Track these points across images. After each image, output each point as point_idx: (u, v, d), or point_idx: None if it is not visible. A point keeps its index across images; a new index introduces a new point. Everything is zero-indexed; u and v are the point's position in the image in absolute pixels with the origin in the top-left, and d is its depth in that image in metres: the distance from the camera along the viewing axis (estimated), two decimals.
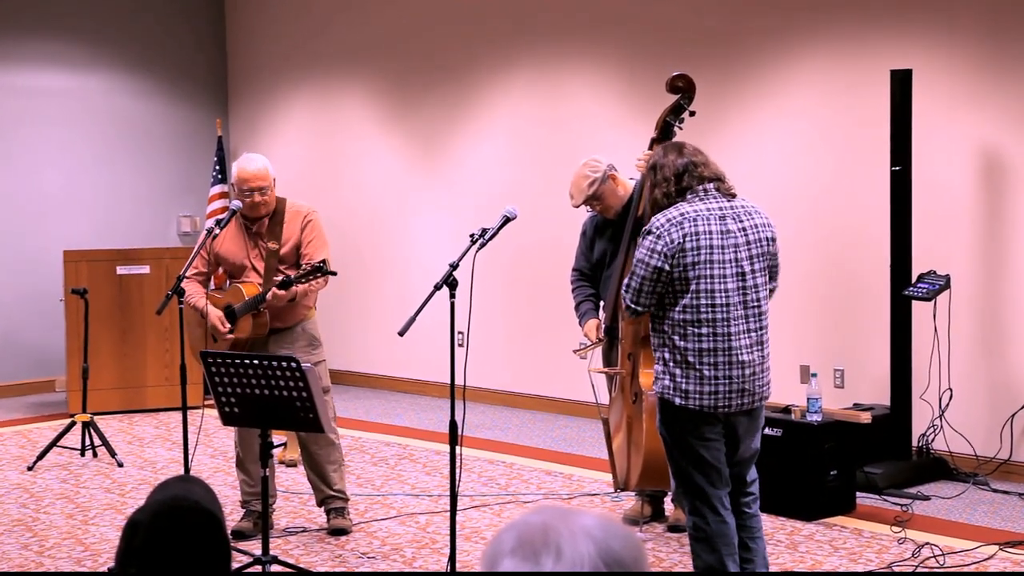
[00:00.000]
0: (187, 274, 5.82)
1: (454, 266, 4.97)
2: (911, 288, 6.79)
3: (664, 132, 5.51)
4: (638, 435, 5.37)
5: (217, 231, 5.84)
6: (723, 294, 4.41)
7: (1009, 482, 6.79)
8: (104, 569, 5.54)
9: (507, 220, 5.15)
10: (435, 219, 9.63)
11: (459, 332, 6.60)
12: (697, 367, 4.41)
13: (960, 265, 7.00)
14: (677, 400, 4.44)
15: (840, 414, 6.57)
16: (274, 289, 5.61)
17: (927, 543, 5.60)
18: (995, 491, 6.65)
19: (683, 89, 5.46)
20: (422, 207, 9.75)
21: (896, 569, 5.38)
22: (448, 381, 4.99)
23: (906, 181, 6.82)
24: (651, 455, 5.28)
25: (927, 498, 6.49)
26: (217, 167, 10.43)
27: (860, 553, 5.60)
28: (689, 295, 4.40)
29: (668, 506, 6.14)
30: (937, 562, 5.42)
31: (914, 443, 6.97)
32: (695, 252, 4.39)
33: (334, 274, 5.65)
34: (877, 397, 7.15)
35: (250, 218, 5.90)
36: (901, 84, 6.84)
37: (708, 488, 4.52)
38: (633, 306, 4.46)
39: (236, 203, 5.93)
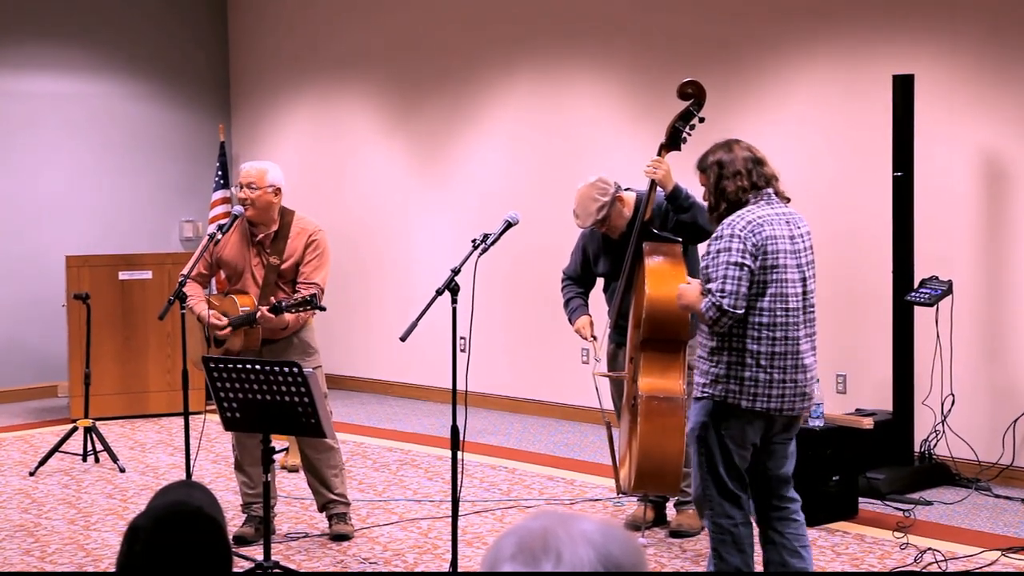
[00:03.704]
0: (192, 276, 5.85)
1: (456, 271, 4.98)
2: (913, 294, 6.79)
3: (672, 138, 5.50)
4: (634, 438, 5.38)
5: (219, 236, 5.86)
6: (794, 298, 4.47)
7: (1011, 488, 6.79)
8: None
9: (509, 225, 5.16)
10: (437, 224, 9.63)
11: (461, 337, 6.60)
12: (768, 370, 4.43)
13: (962, 271, 7.00)
14: (743, 403, 4.44)
15: (842, 419, 6.57)
16: (263, 311, 5.62)
17: (929, 549, 5.60)
18: (997, 497, 6.65)
19: (693, 96, 5.45)
20: (424, 212, 9.75)
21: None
22: (450, 386, 4.99)
23: (908, 186, 6.82)
24: (646, 457, 5.28)
25: (929, 503, 6.49)
26: (219, 172, 10.44)
27: (862, 559, 5.60)
28: (767, 298, 4.43)
29: (670, 511, 6.14)
30: (939, 568, 5.41)
31: (916, 449, 6.96)
32: (774, 256, 4.43)
33: (323, 309, 5.67)
34: (879, 402, 7.14)
35: (254, 223, 5.91)
36: (903, 89, 6.84)
37: (738, 491, 4.55)
38: (735, 311, 4.38)
39: (238, 208, 5.94)
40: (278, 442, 6.91)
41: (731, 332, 4.45)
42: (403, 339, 4.98)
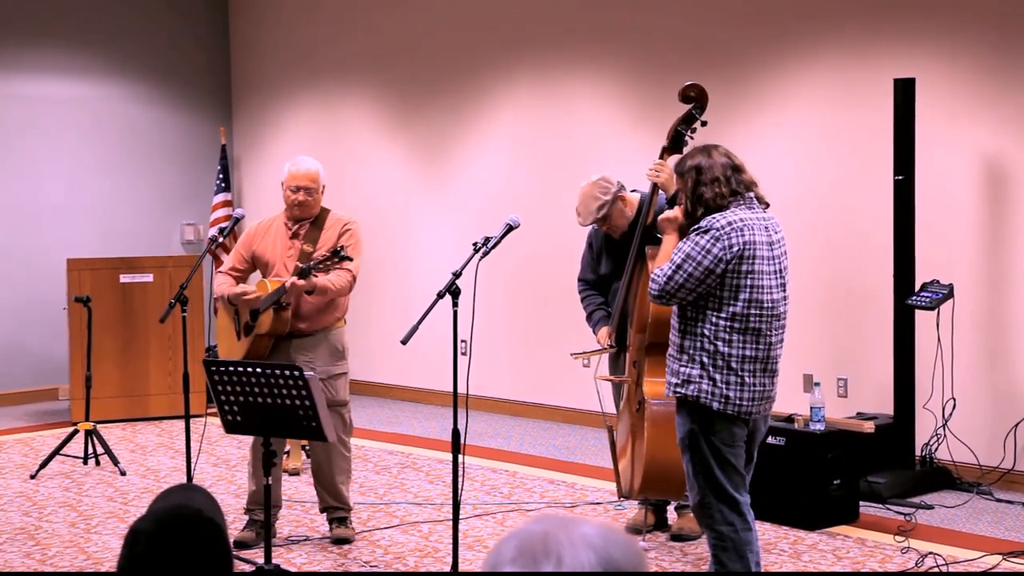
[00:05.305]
0: (222, 269, 5.93)
1: (457, 274, 4.98)
2: (914, 297, 6.79)
3: (675, 142, 5.50)
4: (640, 442, 5.37)
5: (220, 239, 5.88)
6: (768, 303, 4.47)
7: (1012, 492, 6.78)
8: None
9: (510, 229, 5.16)
10: (438, 228, 9.64)
11: (462, 340, 6.59)
12: (739, 373, 4.43)
13: (963, 274, 6.99)
14: (716, 405, 4.44)
15: (843, 423, 6.57)
16: (293, 279, 5.58)
17: (930, 553, 5.59)
18: (998, 501, 6.64)
19: (695, 99, 5.45)
20: (425, 216, 9.76)
21: None
22: (451, 389, 4.99)
23: (909, 190, 6.82)
24: (652, 462, 5.28)
25: (930, 507, 6.48)
26: (221, 175, 10.45)
27: (863, 563, 5.59)
28: (740, 303, 4.42)
29: (671, 515, 6.13)
30: (940, 572, 5.41)
31: (917, 452, 6.96)
32: (751, 260, 4.42)
33: (350, 259, 5.63)
34: (880, 406, 7.14)
35: (293, 219, 5.93)
36: (904, 93, 6.84)
37: (736, 495, 4.54)
38: (665, 296, 4.40)
39: (240, 211, 5.95)
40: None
41: (703, 334, 4.45)
42: (404, 342, 4.98)
